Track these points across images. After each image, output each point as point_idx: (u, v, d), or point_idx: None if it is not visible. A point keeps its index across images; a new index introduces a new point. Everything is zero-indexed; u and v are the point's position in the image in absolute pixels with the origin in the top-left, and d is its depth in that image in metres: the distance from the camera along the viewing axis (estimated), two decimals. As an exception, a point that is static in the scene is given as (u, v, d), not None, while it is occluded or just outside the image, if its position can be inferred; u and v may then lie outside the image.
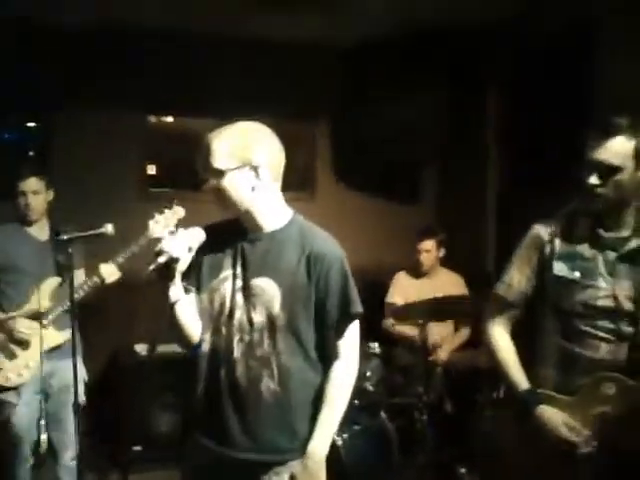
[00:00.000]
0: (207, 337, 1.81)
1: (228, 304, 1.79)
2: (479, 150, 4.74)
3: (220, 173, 1.74)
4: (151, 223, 2.84)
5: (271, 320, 1.74)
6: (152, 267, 1.69)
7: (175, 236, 1.74)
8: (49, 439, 2.99)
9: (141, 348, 4.07)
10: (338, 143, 4.91)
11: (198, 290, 1.84)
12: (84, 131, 4.30)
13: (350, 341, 1.84)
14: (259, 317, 1.75)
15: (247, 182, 1.76)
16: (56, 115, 4.28)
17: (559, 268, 1.93)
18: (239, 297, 1.78)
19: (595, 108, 3.45)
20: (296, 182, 4.84)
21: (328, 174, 4.95)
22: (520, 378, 1.97)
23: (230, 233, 1.82)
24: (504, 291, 2.03)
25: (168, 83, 4.34)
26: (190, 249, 1.74)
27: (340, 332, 1.81)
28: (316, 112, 4.82)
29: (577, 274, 1.90)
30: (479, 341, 3.94)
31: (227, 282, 1.80)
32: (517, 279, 2.01)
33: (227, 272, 1.81)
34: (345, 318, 1.81)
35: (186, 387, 1.88)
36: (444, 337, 4.01)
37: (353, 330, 1.84)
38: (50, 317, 2.91)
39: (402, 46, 4.32)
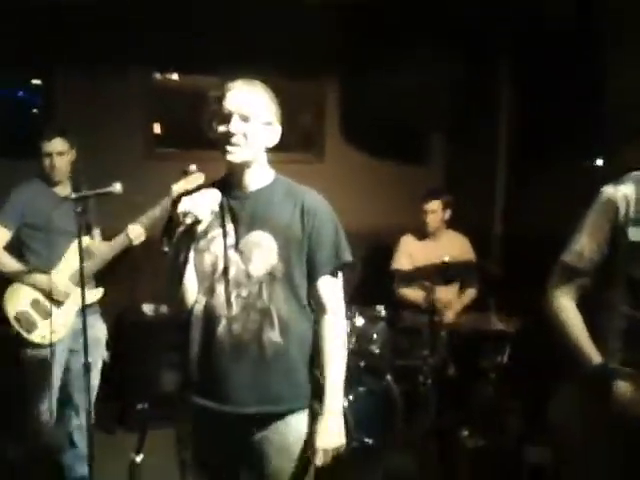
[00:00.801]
0: (200, 298, 1.83)
1: (221, 262, 1.81)
2: (490, 114, 4.67)
3: (253, 122, 1.77)
4: (174, 187, 2.80)
5: (270, 272, 1.78)
6: (181, 229, 1.69)
7: (197, 198, 1.73)
8: (70, 396, 3.08)
9: (148, 308, 4.10)
10: (347, 105, 4.84)
11: None
12: (89, 89, 4.23)
13: (337, 294, 1.89)
14: (257, 270, 1.78)
15: (267, 138, 1.82)
16: (60, 72, 4.22)
17: (634, 234, 1.82)
18: (232, 254, 1.80)
19: (609, 74, 3.39)
20: (304, 143, 4.80)
21: (337, 136, 4.88)
22: (592, 352, 1.86)
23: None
24: (574, 259, 1.92)
25: (174, 40, 4.26)
26: (212, 211, 1.74)
27: (329, 282, 1.86)
28: (326, 73, 4.73)
29: None
30: (485, 304, 3.97)
31: (217, 241, 1.82)
32: (588, 247, 1.90)
33: (216, 231, 1.83)
34: (336, 267, 1.86)
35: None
36: (450, 299, 4.02)
37: (339, 283, 1.89)
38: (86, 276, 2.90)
39: (415, 8, 4.23)
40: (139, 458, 1.72)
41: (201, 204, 1.71)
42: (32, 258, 2.98)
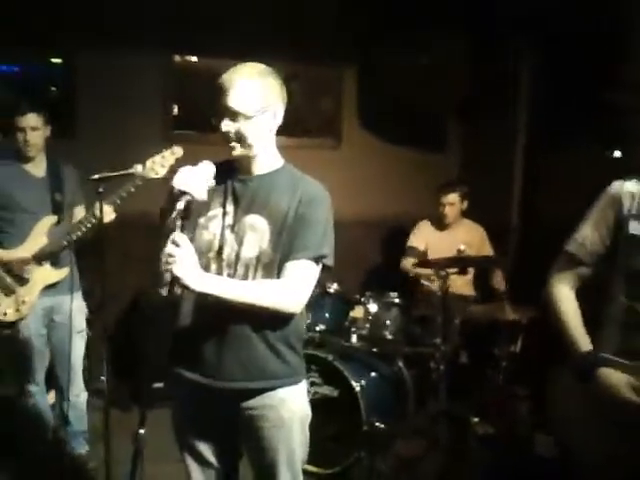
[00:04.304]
0: None
1: (217, 241, 1.83)
2: (509, 101, 4.62)
3: (243, 116, 1.75)
4: (148, 163, 2.71)
5: (258, 256, 1.79)
6: (174, 214, 1.70)
7: (188, 174, 1.73)
8: (55, 375, 3.12)
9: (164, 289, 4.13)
10: (365, 90, 4.81)
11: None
12: (107, 70, 4.25)
13: (304, 281, 1.79)
14: (247, 253, 1.80)
15: (266, 125, 1.80)
16: (80, 53, 4.24)
17: (634, 227, 1.87)
18: (228, 234, 1.82)
19: (631, 60, 3.34)
20: (321, 129, 4.79)
21: (354, 122, 4.86)
22: (583, 340, 1.91)
23: (220, 173, 1.82)
24: (576, 249, 1.97)
25: (193, 22, 4.25)
26: (209, 186, 1.75)
27: (300, 267, 1.78)
28: (344, 58, 4.70)
29: None
30: (499, 294, 3.97)
31: (216, 220, 1.84)
32: (591, 237, 1.95)
33: (216, 210, 1.85)
34: (313, 257, 1.78)
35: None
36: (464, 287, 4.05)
37: (310, 274, 1.80)
38: (46, 255, 2.93)
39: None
40: (142, 431, 1.76)
41: (195, 182, 1.71)
42: (0, 236, 2.98)
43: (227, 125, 1.76)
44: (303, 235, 1.78)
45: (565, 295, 1.98)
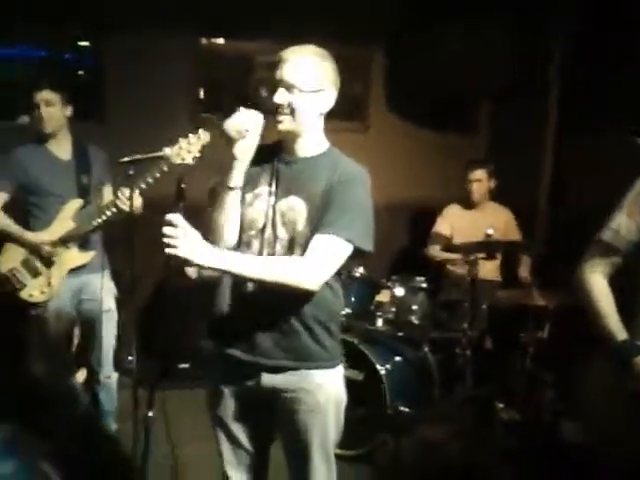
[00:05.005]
0: (237, 248, 1.87)
1: (262, 219, 1.85)
2: (539, 82, 4.53)
3: (298, 89, 1.77)
4: (175, 148, 2.61)
5: (293, 237, 1.80)
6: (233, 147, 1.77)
7: (249, 116, 1.79)
8: (85, 355, 3.17)
9: (192, 271, 4.17)
10: (393, 72, 4.76)
11: None
12: (135, 54, 4.26)
13: (328, 257, 1.76)
14: (284, 233, 1.81)
15: (317, 106, 1.82)
16: (108, 36, 4.26)
17: None
18: (270, 213, 1.84)
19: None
20: (349, 112, 4.75)
21: (382, 104, 4.82)
22: (618, 328, 1.89)
23: (269, 153, 1.87)
24: (611, 238, 1.94)
25: (220, 4, 4.24)
26: (257, 130, 1.80)
27: (326, 241, 1.74)
28: (372, 39, 4.65)
29: None
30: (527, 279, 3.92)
31: (261, 198, 1.86)
32: (626, 226, 1.91)
33: (262, 189, 1.87)
34: (344, 235, 1.75)
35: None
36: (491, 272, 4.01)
37: (337, 251, 1.76)
38: (72, 238, 2.97)
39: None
40: (151, 413, 1.80)
41: (247, 119, 1.78)
42: (30, 219, 3.02)
43: (281, 95, 1.78)
44: (332, 211, 1.77)
45: (599, 284, 1.95)
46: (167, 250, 1.66)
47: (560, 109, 4.48)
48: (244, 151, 1.80)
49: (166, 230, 1.67)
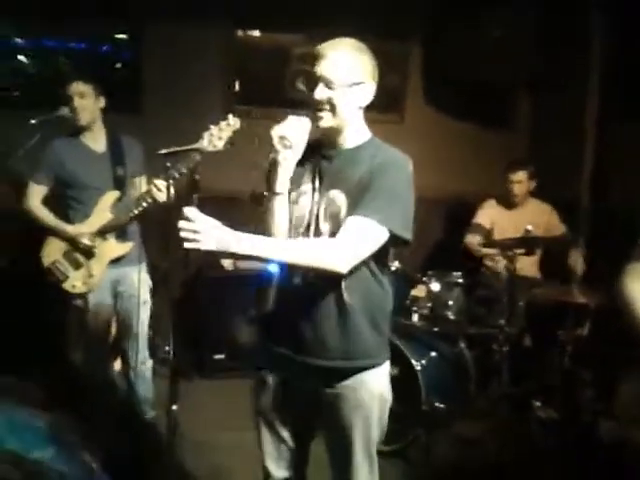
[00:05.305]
0: None
1: (307, 216, 1.83)
2: (579, 72, 4.41)
3: (338, 85, 1.75)
4: (205, 135, 2.64)
5: (334, 231, 1.76)
6: (276, 156, 1.75)
7: (290, 123, 1.77)
8: (121, 344, 3.23)
9: (228, 262, 4.20)
10: (429, 64, 4.70)
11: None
12: (171, 46, 4.29)
13: (359, 241, 1.70)
14: (326, 228, 1.80)
15: (357, 100, 1.80)
16: (144, 29, 4.29)
17: None
18: (316, 210, 1.82)
19: None
20: (385, 104, 4.70)
21: (418, 96, 4.77)
22: None
23: (311, 149, 1.85)
24: None
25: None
26: (303, 140, 1.79)
27: (358, 223, 1.70)
28: (409, 32, 4.60)
29: None
30: (565, 276, 3.83)
31: (307, 195, 1.85)
32: None
33: (307, 186, 1.86)
34: (378, 217, 1.69)
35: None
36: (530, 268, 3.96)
37: (367, 232, 1.70)
38: (110, 229, 3.01)
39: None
40: (175, 407, 1.81)
41: (294, 129, 1.76)
42: (69, 212, 3.06)
43: (321, 92, 1.76)
44: (368, 195, 1.72)
45: None
46: (186, 245, 1.60)
47: (601, 99, 4.36)
48: (287, 160, 1.78)
49: (183, 224, 1.60)
